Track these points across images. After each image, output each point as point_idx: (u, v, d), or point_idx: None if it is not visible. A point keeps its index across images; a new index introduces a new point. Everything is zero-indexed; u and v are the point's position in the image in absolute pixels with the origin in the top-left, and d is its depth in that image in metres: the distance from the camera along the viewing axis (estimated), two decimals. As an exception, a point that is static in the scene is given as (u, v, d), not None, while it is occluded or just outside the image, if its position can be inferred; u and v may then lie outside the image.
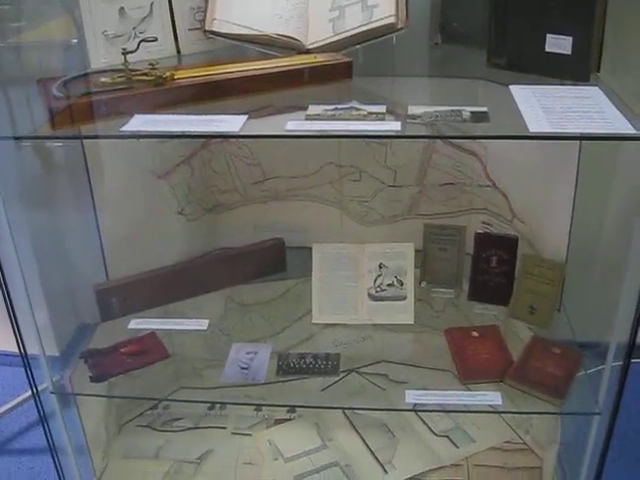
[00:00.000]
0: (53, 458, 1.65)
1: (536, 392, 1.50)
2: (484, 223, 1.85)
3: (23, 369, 1.50)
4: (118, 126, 1.26)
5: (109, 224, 1.77)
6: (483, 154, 1.80)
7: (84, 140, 1.64)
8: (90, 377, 1.60)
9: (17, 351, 1.48)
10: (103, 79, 1.37)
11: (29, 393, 1.55)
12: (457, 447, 1.89)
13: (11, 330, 1.44)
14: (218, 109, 1.32)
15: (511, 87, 1.35)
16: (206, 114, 1.29)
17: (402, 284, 1.73)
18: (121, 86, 1.35)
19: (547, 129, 1.17)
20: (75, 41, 1.51)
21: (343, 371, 1.66)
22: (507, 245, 1.73)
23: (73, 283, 1.84)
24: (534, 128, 1.17)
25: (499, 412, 1.77)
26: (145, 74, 1.37)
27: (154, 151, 1.78)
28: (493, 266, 1.74)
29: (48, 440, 1.62)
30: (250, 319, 1.85)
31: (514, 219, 1.78)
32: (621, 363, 1.37)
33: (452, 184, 1.86)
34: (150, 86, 1.36)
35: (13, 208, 1.40)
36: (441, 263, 1.81)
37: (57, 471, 1.67)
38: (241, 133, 1.24)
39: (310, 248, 1.77)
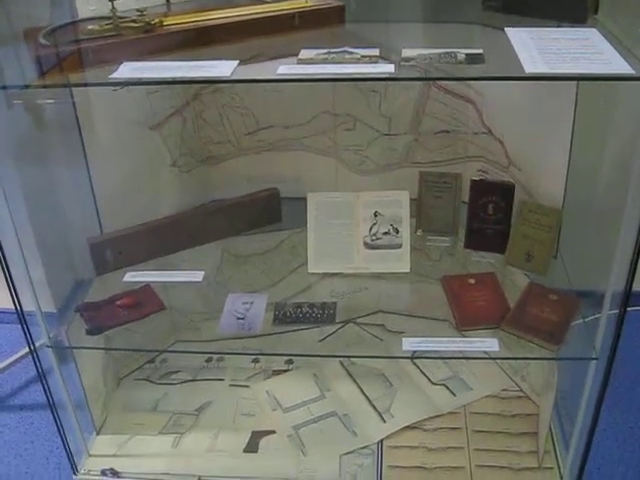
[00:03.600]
0: (52, 413, 1.66)
1: (532, 337, 1.50)
2: (480, 171, 1.83)
3: (20, 326, 1.50)
4: (107, 74, 1.23)
5: (102, 178, 1.75)
6: (478, 100, 1.77)
7: (74, 94, 1.62)
8: (86, 330, 1.60)
9: (13, 308, 1.47)
10: (90, 27, 1.35)
11: (27, 349, 1.56)
12: (455, 395, 1.91)
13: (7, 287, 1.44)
14: (208, 55, 1.30)
15: (507, 29, 1.33)
16: (196, 60, 1.26)
17: (398, 232, 1.72)
18: (109, 33, 1.33)
19: (543, 70, 1.15)
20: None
21: (340, 322, 1.66)
22: (503, 192, 1.71)
23: (68, 239, 1.82)
24: (530, 69, 1.16)
25: (496, 358, 1.79)
26: (133, 21, 1.35)
27: (145, 103, 1.76)
28: (489, 213, 1.73)
29: (47, 395, 1.63)
30: (246, 270, 1.84)
31: (510, 166, 1.76)
32: (617, 311, 1.37)
33: (447, 132, 1.84)
34: (138, 33, 1.34)
35: (5, 166, 1.39)
36: (437, 211, 1.80)
37: (57, 425, 1.68)
38: (232, 78, 1.22)
39: (305, 199, 1.76)
